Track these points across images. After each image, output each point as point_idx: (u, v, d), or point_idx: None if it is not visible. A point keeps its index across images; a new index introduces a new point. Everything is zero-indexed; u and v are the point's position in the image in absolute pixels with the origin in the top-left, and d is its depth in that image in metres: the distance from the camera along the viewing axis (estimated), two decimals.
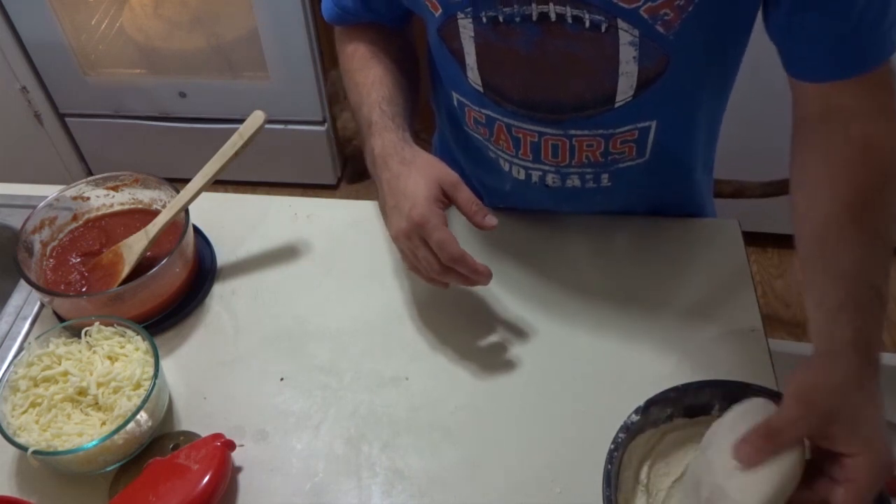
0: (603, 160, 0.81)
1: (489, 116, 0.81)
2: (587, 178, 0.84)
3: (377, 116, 0.78)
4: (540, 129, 0.78)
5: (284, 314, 0.85)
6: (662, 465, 0.68)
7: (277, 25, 1.80)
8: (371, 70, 0.83)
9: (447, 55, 0.79)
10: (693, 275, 0.86)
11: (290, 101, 1.96)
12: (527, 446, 0.73)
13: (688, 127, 0.81)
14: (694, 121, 0.81)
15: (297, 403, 0.77)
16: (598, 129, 0.77)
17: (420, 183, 0.72)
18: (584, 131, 0.77)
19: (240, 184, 2.12)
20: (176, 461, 0.69)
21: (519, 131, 0.80)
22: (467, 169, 0.96)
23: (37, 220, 0.85)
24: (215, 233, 0.93)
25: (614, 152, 0.80)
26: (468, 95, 0.81)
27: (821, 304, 0.62)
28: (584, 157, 0.80)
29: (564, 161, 0.81)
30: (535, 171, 0.84)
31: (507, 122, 0.80)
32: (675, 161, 0.84)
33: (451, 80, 0.83)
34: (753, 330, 0.81)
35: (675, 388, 0.69)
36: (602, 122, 0.76)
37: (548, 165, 0.83)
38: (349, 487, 0.71)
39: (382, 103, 0.79)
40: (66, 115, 2.11)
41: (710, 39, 0.71)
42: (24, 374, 0.72)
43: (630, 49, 0.69)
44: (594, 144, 0.79)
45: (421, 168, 0.74)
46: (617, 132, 0.77)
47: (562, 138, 0.79)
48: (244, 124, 0.82)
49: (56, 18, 1.86)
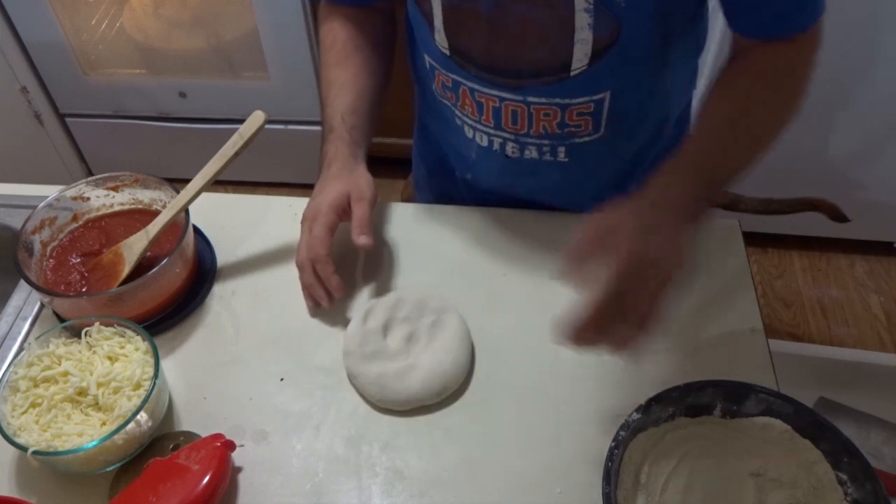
0: (560, 132, 0.82)
1: (455, 80, 0.83)
2: (544, 150, 0.85)
3: (337, 124, 0.86)
4: (500, 95, 0.81)
5: (284, 314, 0.85)
6: (663, 464, 0.68)
7: (277, 25, 1.80)
8: (343, 70, 0.88)
9: (419, 16, 0.82)
10: (693, 275, 0.86)
11: (290, 101, 1.96)
12: (527, 446, 0.73)
13: (643, 102, 0.83)
14: (650, 96, 0.82)
15: (297, 403, 0.77)
16: (554, 98, 0.79)
17: (334, 189, 0.81)
18: (542, 99, 0.79)
19: (240, 184, 2.12)
20: (176, 461, 0.69)
21: (481, 96, 0.82)
22: (437, 135, 0.99)
23: (37, 220, 0.85)
24: (215, 233, 0.93)
25: (570, 124, 0.81)
26: (437, 59, 0.84)
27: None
28: (542, 126, 0.82)
29: (523, 129, 0.83)
30: (497, 138, 0.86)
31: (470, 86, 0.82)
32: (631, 138, 0.85)
33: (423, 43, 0.85)
34: (753, 330, 0.81)
35: (676, 387, 0.69)
36: (558, 91, 0.78)
37: (508, 133, 0.85)
38: (349, 487, 0.71)
39: (346, 113, 0.86)
40: (66, 115, 2.11)
41: (661, 8, 0.72)
42: (25, 375, 0.72)
43: (585, 16, 0.71)
44: (551, 114, 0.80)
45: (346, 180, 0.82)
46: (573, 103, 0.79)
47: (521, 105, 0.81)
48: (244, 124, 0.82)
49: (56, 18, 1.86)
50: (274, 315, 0.85)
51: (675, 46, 0.79)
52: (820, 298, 1.90)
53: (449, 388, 0.77)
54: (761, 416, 0.69)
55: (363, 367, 0.77)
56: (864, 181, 1.78)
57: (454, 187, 1.02)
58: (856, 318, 1.86)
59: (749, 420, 0.70)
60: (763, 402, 0.69)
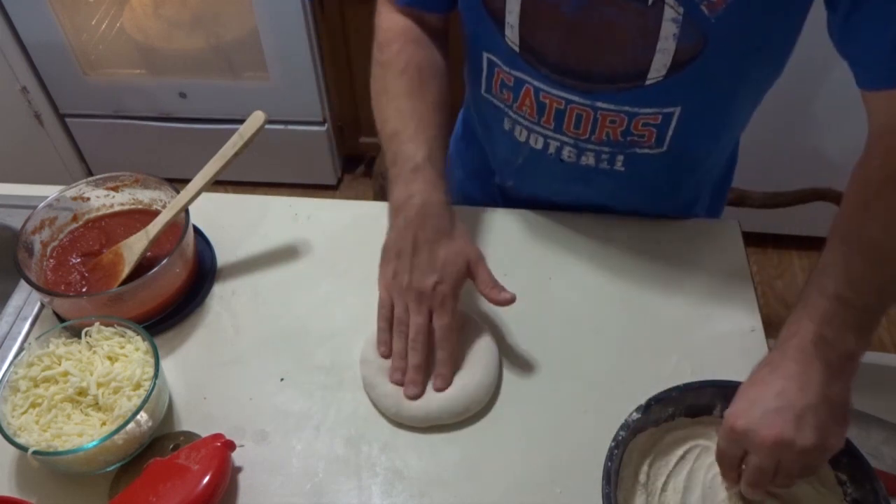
0: (622, 139, 0.81)
1: (518, 79, 0.81)
2: (602, 158, 0.84)
3: (423, 162, 0.78)
4: (568, 97, 0.78)
5: (284, 314, 0.85)
6: (663, 464, 0.68)
7: (277, 25, 1.80)
8: (420, 101, 0.82)
9: (483, 14, 0.78)
10: (693, 275, 0.86)
11: (290, 101, 1.96)
12: (527, 446, 0.73)
13: (712, 124, 0.81)
14: (720, 119, 0.81)
15: (297, 403, 0.77)
16: (624, 106, 0.77)
17: (452, 261, 0.75)
18: (611, 105, 0.77)
19: (240, 184, 2.12)
20: (176, 461, 0.69)
21: (546, 96, 0.80)
22: (483, 138, 0.97)
23: (37, 220, 0.85)
24: (215, 233, 0.93)
25: (635, 133, 0.80)
26: (501, 55, 0.81)
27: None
28: (605, 133, 0.80)
29: (585, 134, 0.81)
30: (554, 140, 0.84)
31: (536, 85, 0.80)
32: (692, 160, 0.84)
33: (486, 40, 0.81)
34: (753, 330, 0.81)
35: (676, 387, 0.69)
36: (630, 99, 0.76)
37: (568, 137, 0.83)
38: (349, 487, 0.71)
39: (433, 151, 0.79)
40: (66, 115, 2.11)
41: (750, 30, 0.70)
42: (25, 375, 0.72)
43: (671, 25, 0.68)
44: (617, 121, 0.79)
45: (456, 243, 0.76)
46: (642, 112, 0.77)
47: (587, 109, 0.79)
48: (244, 125, 0.82)
49: (56, 18, 1.86)
50: (274, 315, 0.85)
51: (756, 75, 0.77)
52: None
53: (471, 409, 0.75)
54: None
55: (381, 377, 0.76)
56: None
57: (487, 194, 1.00)
58: None
59: None
60: None
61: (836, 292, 0.62)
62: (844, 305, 0.61)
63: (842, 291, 0.62)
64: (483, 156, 0.98)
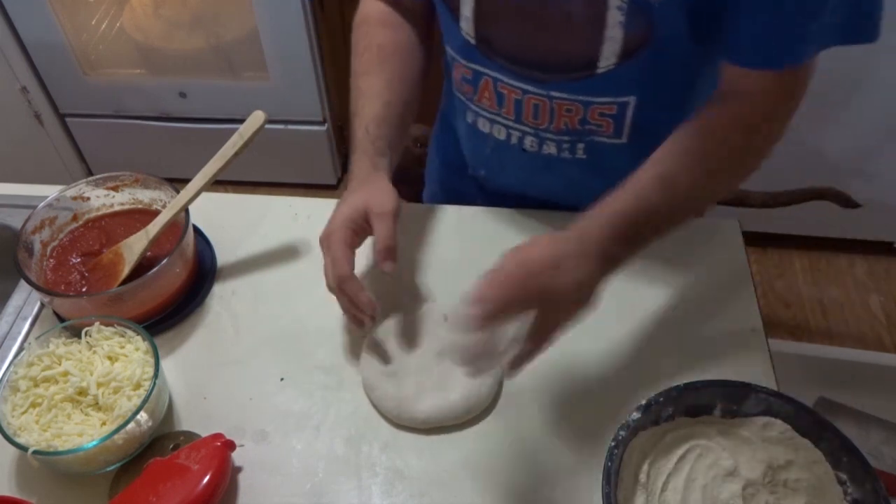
0: (580, 128, 0.82)
1: (476, 71, 0.82)
2: (563, 147, 0.85)
3: (361, 135, 0.81)
4: (524, 87, 0.80)
5: (284, 314, 0.85)
6: (663, 464, 0.68)
7: (277, 25, 1.80)
8: (375, 78, 0.84)
9: (442, 5, 0.80)
10: (693, 275, 0.86)
11: (290, 101, 1.96)
12: (527, 446, 0.73)
13: (668, 113, 0.81)
14: (676, 108, 0.81)
15: (297, 403, 0.77)
16: (578, 95, 0.78)
17: (350, 204, 0.76)
18: (565, 94, 0.79)
19: (240, 184, 2.12)
20: (176, 461, 0.69)
21: (504, 87, 0.81)
22: (455, 129, 0.98)
23: (37, 220, 0.85)
24: (215, 233, 0.93)
25: (592, 122, 0.81)
26: (458, 49, 0.82)
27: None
28: (563, 122, 0.82)
29: (544, 124, 0.83)
30: (515, 131, 0.86)
31: (493, 76, 0.81)
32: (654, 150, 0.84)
33: (446, 34, 0.84)
34: (753, 330, 0.81)
35: (676, 387, 0.69)
36: (583, 88, 0.78)
37: (528, 127, 0.84)
38: (349, 487, 0.71)
39: (370, 123, 0.82)
40: (66, 115, 2.11)
41: (694, 16, 0.71)
42: (25, 375, 0.72)
43: (617, 13, 0.70)
44: (573, 109, 0.80)
45: (363, 192, 0.77)
46: (596, 101, 0.79)
47: (543, 99, 0.80)
48: (244, 124, 0.82)
49: (56, 18, 1.86)
50: (274, 315, 0.85)
51: (709, 65, 0.78)
52: (820, 298, 1.90)
53: (473, 412, 0.75)
54: (761, 416, 0.69)
55: (382, 379, 0.76)
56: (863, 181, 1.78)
57: (465, 184, 1.02)
58: (856, 318, 1.86)
59: (749, 420, 0.70)
60: (763, 401, 0.69)
61: (625, 209, 0.70)
62: (628, 221, 0.69)
63: (630, 210, 0.69)
64: (458, 145, 1.00)
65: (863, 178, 1.77)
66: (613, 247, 0.68)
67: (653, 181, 0.71)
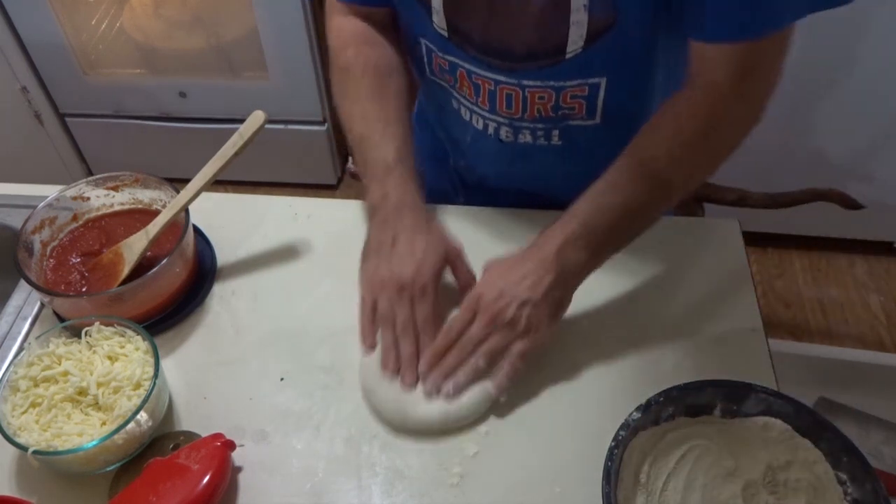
0: (554, 115, 0.82)
1: (452, 63, 0.82)
2: (538, 134, 0.85)
3: (395, 162, 0.80)
4: (496, 77, 0.80)
5: (284, 314, 0.85)
6: (663, 464, 0.68)
7: (277, 25, 1.80)
8: (383, 101, 0.84)
9: (412, 2, 0.80)
10: (693, 275, 0.86)
11: (290, 101, 1.96)
12: (527, 446, 0.73)
13: (640, 92, 0.82)
14: (647, 87, 0.82)
15: (297, 403, 0.77)
16: (549, 81, 0.79)
17: (431, 251, 0.77)
18: (536, 82, 0.79)
19: (240, 184, 2.13)
20: (176, 461, 0.69)
21: (478, 78, 0.82)
22: (434, 120, 0.98)
23: (37, 220, 0.85)
24: (215, 233, 0.93)
25: (564, 107, 0.81)
26: (434, 41, 0.82)
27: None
28: (536, 110, 0.82)
29: (518, 113, 0.83)
30: (491, 122, 0.86)
31: (468, 68, 0.81)
32: (627, 129, 0.84)
33: (419, 27, 0.83)
34: (753, 330, 0.81)
35: (676, 386, 0.69)
36: (553, 74, 0.78)
37: (502, 117, 0.84)
38: (349, 487, 0.71)
39: (402, 150, 0.81)
40: (66, 115, 2.11)
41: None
42: (25, 374, 0.72)
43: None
44: (545, 97, 0.80)
45: (434, 235, 0.78)
46: (567, 85, 0.79)
47: (516, 88, 0.80)
48: (244, 124, 0.82)
49: (56, 18, 1.86)
50: (274, 315, 0.85)
51: (676, 40, 0.78)
52: (820, 298, 1.90)
53: (472, 416, 0.74)
54: (761, 416, 0.69)
55: (382, 383, 0.75)
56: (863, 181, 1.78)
57: (445, 176, 1.02)
58: (856, 318, 1.86)
59: (749, 420, 0.70)
60: (763, 401, 0.69)
61: (585, 218, 0.73)
62: (587, 231, 0.73)
63: (589, 218, 0.73)
64: (436, 140, 1.00)
65: (863, 178, 1.77)
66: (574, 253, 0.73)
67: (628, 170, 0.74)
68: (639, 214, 0.75)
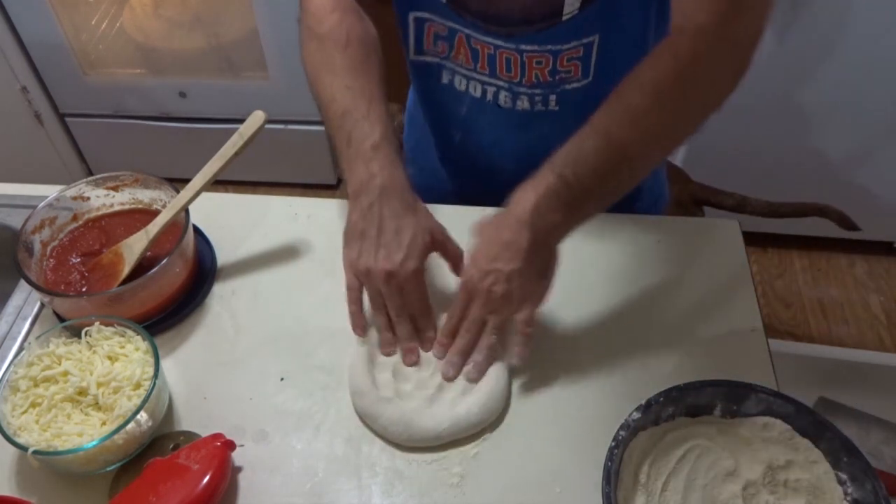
0: (551, 79, 0.83)
1: (451, 28, 0.83)
2: (536, 100, 0.86)
3: (382, 142, 0.78)
4: (495, 42, 0.81)
5: (284, 314, 0.85)
6: (663, 464, 0.68)
7: (277, 25, 1.81)
8: (368, 77, 0.82)
9: None
10: (693, 275, 0.86)
11: (290, 101, 1.96)
12: (526, 446, 0.73)
13: (632, 50, 0.80)
14: (638, 41, 0.81)
15: (297, 403, 0.77)
16: (546, 45, 0.79)
17: (418, 236, 0.76)
18: (534, 46, 0.80)
19: (240, 184, 2.13)
20: (176, 461, 0.69)
21: (477, 43, 0.82)
22: (420, 104, 0.98)
23: (37, 220, 0.85)
24: (215, 233, 0.93)
25: (561, 70, 0.82)
26: (432, 8, 0.82)
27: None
28: (534, 75, 0.82)
29: (516, 77, 0.83)
30: (491, 87, 0.86)
31: (467, 32, 0.82)
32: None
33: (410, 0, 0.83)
34: (753, 330, 0.81)
35: (676, 386, 0.69)
36: (550, 38, 0.78)
37: (502, 81, 0.85)
38: (349, 487, 0.71)
39: (387, 131, 0.79)
40: (66, 115, 2.11)
41: None
42: (25, 374, 0.72)
43: None
44: (543, 61, 0.81)
45: (420, 218, 0.78)
46: (564, 48, 0.79)
47: (514, 53, 0.81)
48: (244, 124, 0.82)
49: (56, 18, 1.86)
50: (274, 315, 0.85)
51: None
52: (820, 298, 1.90)
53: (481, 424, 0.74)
54: (761, 416, 0.69)
55: (381, 407, 0.73)
56: (863, 182, 1.78)
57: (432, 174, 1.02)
58: (856, 318, 1.86)
59: (749, 420, 0.70)
60: (763, 401, 0.69)
61: (560, 172, 0.70)
62: (563, 184, 0.70)
63: (565, 172, 0.70)
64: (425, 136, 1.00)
65: (861, 178, 1.77)
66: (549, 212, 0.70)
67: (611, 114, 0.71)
68: (623, 161, 0.71)
